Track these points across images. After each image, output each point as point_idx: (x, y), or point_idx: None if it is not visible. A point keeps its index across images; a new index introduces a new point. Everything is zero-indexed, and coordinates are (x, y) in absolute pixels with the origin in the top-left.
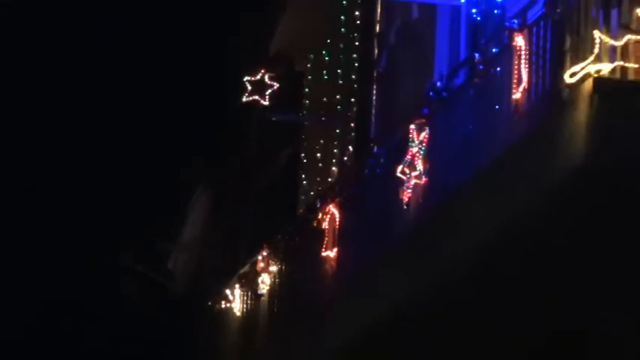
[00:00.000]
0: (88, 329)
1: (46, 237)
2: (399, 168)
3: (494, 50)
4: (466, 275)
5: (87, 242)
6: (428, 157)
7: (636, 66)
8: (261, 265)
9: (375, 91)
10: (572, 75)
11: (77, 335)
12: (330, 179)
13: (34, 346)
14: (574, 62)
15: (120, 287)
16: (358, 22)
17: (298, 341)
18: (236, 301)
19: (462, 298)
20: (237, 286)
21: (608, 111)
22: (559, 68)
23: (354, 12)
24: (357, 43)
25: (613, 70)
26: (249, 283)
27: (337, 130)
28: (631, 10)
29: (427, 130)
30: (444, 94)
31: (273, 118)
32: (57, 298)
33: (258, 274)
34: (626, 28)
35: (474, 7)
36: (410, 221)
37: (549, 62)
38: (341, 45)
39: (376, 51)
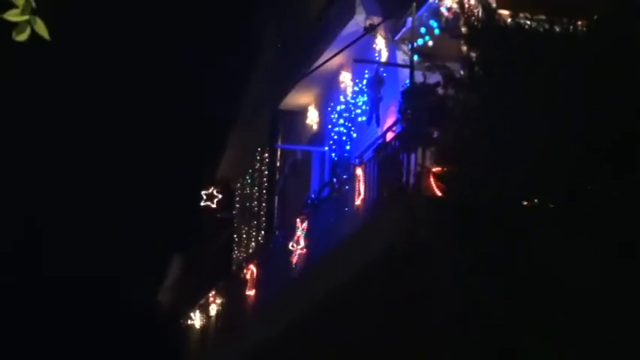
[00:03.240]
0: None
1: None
2: (290, 243)
3: (344, 176)
4: (326, 305)
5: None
6: (307, 238)
7: (428, 185)
8: (211, 299)
9: (276, 200)
10: (389, 192)
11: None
12: (250, 250)
13: None
14: (389, 183)
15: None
16: (267, 160)
17: (231, 343)
18: (196, 319)
19: (327, 318)
20: (197, 311)
21: (410, 211)
22: (382, 186)
23: (264, 154)
24: (266, 172)
25: (416, 189)
26: (205, 310)
27: (255, 222)
28: (424, 152)
29: (306, 222)
30: (316, 201)
31: (218, 215)
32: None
33: (209, 304)
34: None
35: (333, 153)
36: (296, 274)
37: (376, 184)
38: (256, 173)
39: (277, 177)
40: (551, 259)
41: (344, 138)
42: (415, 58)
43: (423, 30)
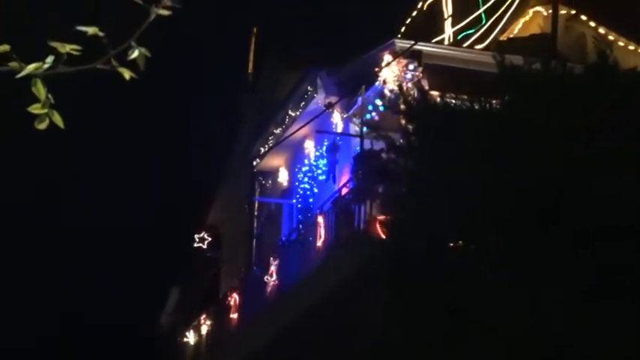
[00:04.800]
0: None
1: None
2: (265, 277)
3: (308, 223)
4: (293, 328)
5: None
6: (279, 272)
7: (374, 231)
8: (202, 321)
9: (254, 242)
10: (345, 235)
11: None
12: (234, 282)
13: None
14: (344, 228)
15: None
16: (247, 210)
17: (218, 356)
18: (190, 338)
19: (293, 338)
20: (191, 330)
21: (360, 251)
22: (338, 231)
23: (243, 207)
24: (243, 217)
25: (364, 234)
26: (197, 329)
27: (237, 259)
28: (370, 205)
29: (278, 260)
30: (286, 243)
31: (208, 254)
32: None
33: (201, 325)
34: (372, 213)
35: (299, 204)
36: (269, 301)
37: (332, 229)
38: (239, 221)
39: (255, 224)
40: (474, 296)
41: (308, 193)
42: (364, 129)
43: (370, 107)
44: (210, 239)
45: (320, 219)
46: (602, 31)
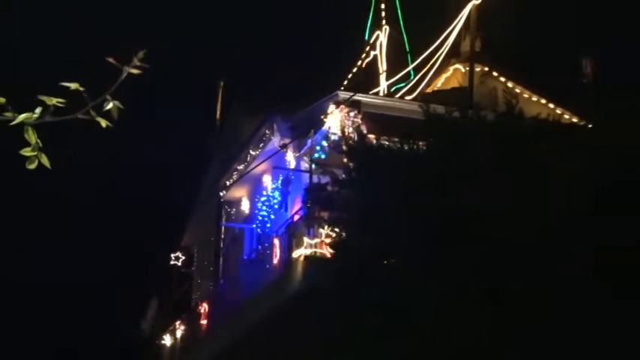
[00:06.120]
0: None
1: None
2: (230, 289)
3: (266, 244)
4: (253, 330)
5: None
6: (240, 286)
7: (321, 251)
8: (177, 326)
9: (221, 261)
10: (296, 255)
11: None
12: (205, 293)
13: None
14: (296, 249)
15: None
16: (215, 233)
17: (191, 356)
18: (167, 340)
19: (253, 340)
20: (168, 334)
21: (309, 267)
22: (290, 252)
23: (212, 231)
24: (212, 239)
25: (313, 253)
26: (173, 333)
27: (207, 276)
28: (318, 229)
29: (241, 275)
30: (248, 262)
31: (182, 270)
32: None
33: (176, 329)
34: (319, 236)
35: (259, 229)
36: (233, 309)
37: (285, 249)
38: (208, 243)
39: (222, 245)
40: (399, 300)
41: (266, 219)
42: (313, 166)
43: (318, 147)
44: (184, 258)
45: (276, 241)
46: (510, 85)
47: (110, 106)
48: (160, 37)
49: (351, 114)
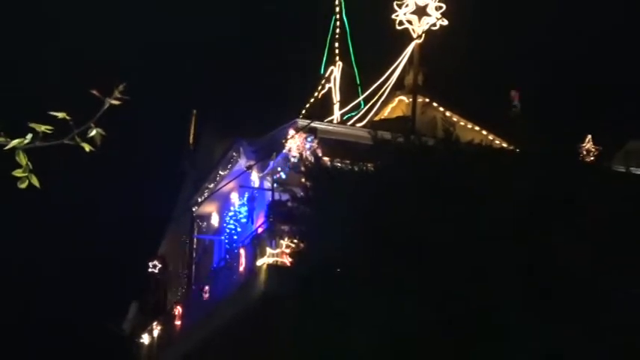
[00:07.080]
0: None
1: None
2: (203, 293)
3: (234, 252)
4: (222, 332)
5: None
6: (211, 290)
7: (281, 260)
8: (155, 326)
9: (193, 268)
10: (259, 263)
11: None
12: (178, 297)
13: None
14: (260, 258)
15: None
16: (188, 244)
17: (166, 353)
18: (145, 339)
19: (222, 339)
20: (146, 334)
21: (271, 274)
22: (254, 261)
23: (185, 242)
24: (186, 249)
25: (275, 262)
26: (151, 333)
27: (181, 282)
28: (279, 240)
29: (211, 280)
30: (217, 269)
31: (158, 277)
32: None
33: (153, 329)
34: (280, 246)
35: (227, 240)
36: (203, 312)
37: (250, 258)
38: (181, 253)
39: (194, 254)
40: (354, 303)
41: (233, 231)
42: (275, 185)
43: (279, 169)
44: (160, 266)
45: (242, 251)
46: (448, 114)
47: (93, 133)
48: (141, 72)
49: (309, 139)
